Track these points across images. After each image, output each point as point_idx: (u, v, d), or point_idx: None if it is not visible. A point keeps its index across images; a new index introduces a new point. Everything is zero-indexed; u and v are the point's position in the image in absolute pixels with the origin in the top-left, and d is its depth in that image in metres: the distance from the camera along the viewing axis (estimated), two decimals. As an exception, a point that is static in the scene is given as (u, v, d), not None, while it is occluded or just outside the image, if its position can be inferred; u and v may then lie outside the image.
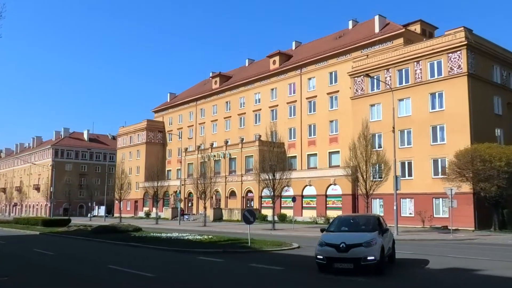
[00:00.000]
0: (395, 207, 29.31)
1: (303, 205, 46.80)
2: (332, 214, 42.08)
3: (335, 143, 48.67)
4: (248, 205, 53.61)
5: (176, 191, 60.61)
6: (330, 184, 44.37)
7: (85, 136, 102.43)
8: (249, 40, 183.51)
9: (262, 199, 51.43)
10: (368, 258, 11.89)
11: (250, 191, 53.77)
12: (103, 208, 74.52)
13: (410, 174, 38.22)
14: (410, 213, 37.89)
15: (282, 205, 48.49)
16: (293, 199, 39.53)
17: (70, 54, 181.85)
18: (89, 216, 71.49)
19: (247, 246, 20.20)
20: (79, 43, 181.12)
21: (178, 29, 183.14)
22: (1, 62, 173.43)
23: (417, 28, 46.42)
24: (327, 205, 44.65)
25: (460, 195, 31.57)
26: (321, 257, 12.35)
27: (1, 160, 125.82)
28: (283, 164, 40.82)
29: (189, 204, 63.69)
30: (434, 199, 36.47)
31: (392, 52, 40.89)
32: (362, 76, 41.62)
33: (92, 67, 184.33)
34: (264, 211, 50.01)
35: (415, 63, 38.62)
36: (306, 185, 46.70)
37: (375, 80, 40.45)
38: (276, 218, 41.78)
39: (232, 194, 56.16)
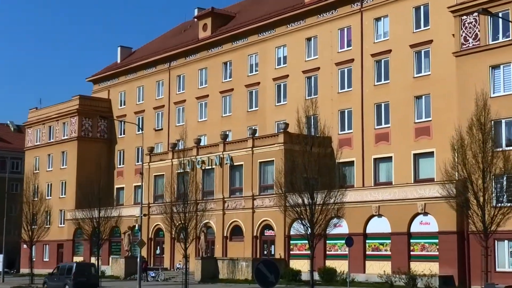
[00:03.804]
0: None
1: (367, 253, 46.94)
2: (421, 268, 41.97)
3: (425, 137, 48.50)
4: (265, 252, 53.91)
5: (134, 226, 60.96)
6: (417, 214, 44.28)
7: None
8: None
9: (291, 242, 51.69)
10: None
11: (268, 227, 54.01)
12: (0, 257, 75.36)
13: None
14: None
15: (327, 253, 48.72)
16: (348, 241, 39.70)
17: None
18: (-25, 272, 72.40)
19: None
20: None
21: None
22: None
23: None
24: (411, 253, 44.68)
25: None
26: None
27: None
28: (330, 176, 41.00)
29: (158, 251, 64.07)
30: None
31: (532, -31, 40.80)
32: (474, 14, 41.55)
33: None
34: (294, 263, 50.27)
35: None
36: (373, 216, 46.80)
37: (499, 20, 40.33)
38: (316, 276, 41.79)
39: (236, 231, 56.46)
